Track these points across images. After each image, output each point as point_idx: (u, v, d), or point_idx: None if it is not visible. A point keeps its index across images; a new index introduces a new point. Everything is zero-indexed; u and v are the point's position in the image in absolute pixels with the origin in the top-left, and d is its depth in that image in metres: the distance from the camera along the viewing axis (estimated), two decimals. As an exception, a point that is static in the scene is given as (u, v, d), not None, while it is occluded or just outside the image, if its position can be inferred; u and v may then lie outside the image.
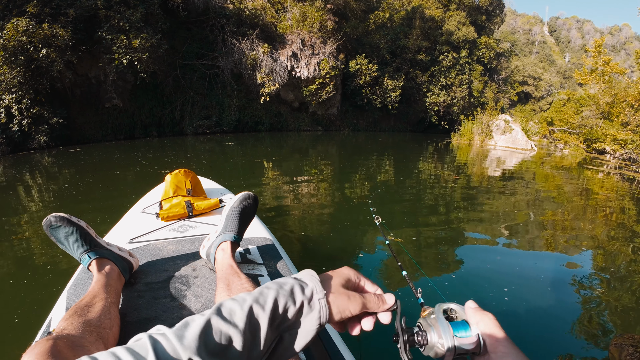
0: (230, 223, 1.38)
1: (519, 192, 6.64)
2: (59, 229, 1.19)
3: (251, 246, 1.62)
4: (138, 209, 2.23)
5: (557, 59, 62.50)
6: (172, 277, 1.34)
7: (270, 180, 6.82)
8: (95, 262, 1.21)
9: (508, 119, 16.45)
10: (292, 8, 20.02)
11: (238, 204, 1.41)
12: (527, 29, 67.93)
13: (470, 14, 27.56)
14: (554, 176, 9.01)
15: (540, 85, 43.90)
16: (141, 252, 1.55)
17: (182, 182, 2.21)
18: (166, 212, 1.95)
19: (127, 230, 1.86)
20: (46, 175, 7.55)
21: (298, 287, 0.59)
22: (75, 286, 1.27)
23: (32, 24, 10.91)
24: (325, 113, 22.25)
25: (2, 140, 11.30)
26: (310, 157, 10.64)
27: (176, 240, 1.67)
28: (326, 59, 19.70)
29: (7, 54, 10.55)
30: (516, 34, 63.41)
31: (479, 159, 11.66)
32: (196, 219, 1.99)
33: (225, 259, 1.27)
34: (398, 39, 24.50)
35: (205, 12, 17.81)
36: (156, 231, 1.81)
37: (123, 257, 1.30)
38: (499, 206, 5.52)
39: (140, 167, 8.21)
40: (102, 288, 1.09)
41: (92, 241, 1.25)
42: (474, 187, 6.99)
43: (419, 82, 24.91)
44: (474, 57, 26.89)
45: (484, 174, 8.61)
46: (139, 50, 13.42)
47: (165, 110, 17.16)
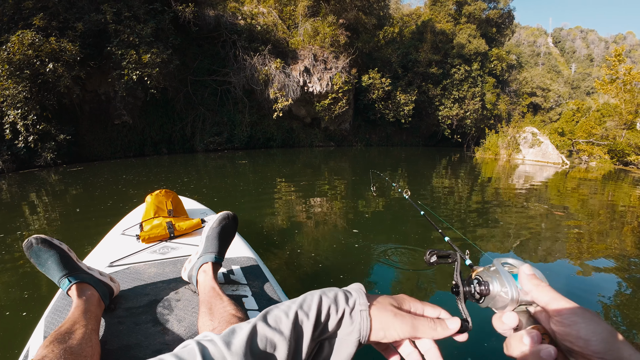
0: (211, 244, 1.35)
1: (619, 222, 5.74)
2: (40, 251, 1.15)
3: (234, 266, 1.57)
4: (118, 230, 2.12)
5: (563, 69, 61.78)
6: (153, 301, 1.28)
7: (280, 198, 6.19)
8: (75, 286, 1.16)
9: (536, 132, 15.46)
10: (304, 23, 19.49)
11: (217, 224, 1.38)
12: (531, 41, 67.49)
13: (480, 27, 26.96)
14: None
15: (549, 96, 43.05)
16: (121, 275, 1.49)
17: (162, 203, 2.13)
18: (147, 233, 1.86)
19: (106, 253, 1.76)
20: (44, 194, 6.94)
21: (342, 295, 0.56)
22: (53, 313, 1.20)
23: (38, 37, 10.32)
24: (337, 128, 21.52)
25: (7, 157, 10.64)
26: (321, 173, 9.86)
27: (157, 263, 1.61)
28: (339, 73, 19.05)
29: (13, 67, 9.92)
30: (521, 46, 62.86)
31: (511, 176, 10.74)
32: (178, 240, 1.91)
33: (208, 280, 1.22)
34: (409, 53, 23.90)
35: (217, 28, 17.30)
36: (137, 254, 1.73)
37: (104, 282, 1.24)
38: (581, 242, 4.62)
39: (147, 187, 7.41)
40: (82, 314, 1.03)
41: (72, 265, 1.20)
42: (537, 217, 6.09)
43: (431, 96, 24.18)
44: (486, 70, 26.16)
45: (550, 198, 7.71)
46: (149, 66, 12.80)
47: (176, 127, 16.49)
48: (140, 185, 7.34)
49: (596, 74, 57.83)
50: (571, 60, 71.58)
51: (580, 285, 3.03)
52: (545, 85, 43.30)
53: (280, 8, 20.15)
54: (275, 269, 3.05)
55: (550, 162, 14.29)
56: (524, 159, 15.22)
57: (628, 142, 16.28)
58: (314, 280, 2.94)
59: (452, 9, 27.06)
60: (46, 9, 11.19)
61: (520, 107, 33.48)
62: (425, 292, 2.82)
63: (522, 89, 36.91)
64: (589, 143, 17.47)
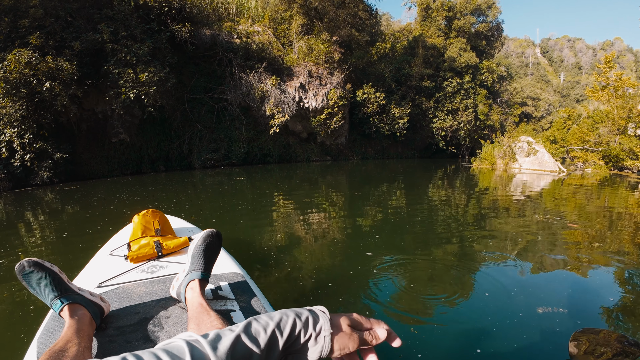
0: (196, 261, 1.37)
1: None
2: (32, 274, 1.15)
3: (222, 282, 1.57)
4: (106, 251, 2.11)
5: (552, 78, 62.49)
6: (143, 319, 1.28)
7: (279, 217, 6.04)
8: (67, 307, 1.16)
9: (531, 141, 15.40)
10: (298, 41, 19.63)
11: (202, 242, 1.40)
12: (520, 52, 68.41)
13: (470, 40, 27.30)
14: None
15: (540, 105, 43.41)
16: (111, 295, 1.47)
17: (150, 223, 2.13)
18: (135, 253, 1.86)
19: (95, 273, 1.75)
20: (37, 214, 6.81)
21: (312, 320, 0.66)
22: (46, 335, 1.19)
23: (35, 56, 10.23)
24: (333, 143, 21.47)
25: (3, 175, 10.45)
26: (319, 187, 9.70)
27: (146, 282, 1.61)
28: (334, 89, 19.10)
29: (9, 86, 9.78)
30: (510, 57, 63.64)
31: (509, 185, 10.64)
32: (166, 259, 1.90)
33: (195, 297, 1.24)
34: (402, 67, 24.09)
35: (213, 47, 17.36)
36: (125, 273, 1.73)
37: (95, 302, 1.25)
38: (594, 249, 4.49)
39: (140, 207, 7.23)
40: (74, 333, 1.04)
41: (64, 287, 1.21)
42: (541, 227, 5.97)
43: (424, 109, 24.28)
44: (477, 82, 26.38)
45: (546, 205, 7.60)
46: (146, 84, 12.73)
47: (173, 145, 16.37)
48: (133, 205, 7.10)
49: (585, 82, 58.53)
50: (560, 69, 72.49)
51: (586, 290, 2.92)
52: (536, 95, 43.71)
53: (274, 27, 20.32)
54: (270, 285, 2.99)
55: (547, 170, 14.20)
56: (520, 168, 15.13)
57: (622, 147, 16.27)
58: (302, 293, 2.85)
59: (442, 24, 27.42)
60: (43, 27, 11.15)
61: (512, 117, 33.68)
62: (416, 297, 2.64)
63: (513, 99, 37.24)
64: (583, 150, 17.46)
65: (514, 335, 2.13)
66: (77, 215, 6.27)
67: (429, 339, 2.13)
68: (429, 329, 2.25)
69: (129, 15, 13.25)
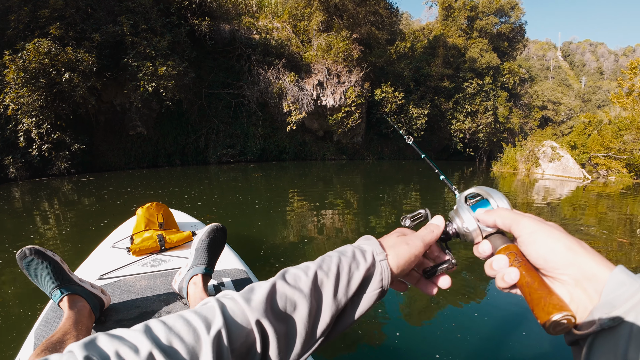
0: (200, 256, 1.33)
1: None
2: (33, 262, 1.13)
3: (225, 278, 1.53)
4: (108, 243, 2.07)
5: (573, 82, 60.70)
6: (144, 313, 1.25)
7: (299, 218, 5.68)
8: (67, 298, 1.13)
9: (555, 145, 14.72)
10: (318, 38, 19.28)
11: (206, 236, 1.36)
12: (541, 55, 66.60)
13: (492, 41, 26.55)
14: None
15: (560, 109, 42.10)
16: (112, 288, 1.45)
17: (153, 216, 2.09)
18: (138, 246, 1.81)
19: (96, 265, 1.72)
20: (49, 205, 6.68)
21: (359, 252, 0.54)
22: (43, 326, 1.18)
23: (54, 46, 10.12)
24: (349, 142, 21.09)
25: (20, 164, 10.41)
26: (334, 186, 9.37)
27: (148, 275, 1.56)
28: (352, 87, 18.70)
29: (28, 75, 9.70)
30: (530, 60, 62.04)
31: (538, 191, 10.14)
32: (169, 253, 1.86)
33: (198, 292, 1.21)
34: (421, 67, 23.52)
35: (232, 42, 17.15)
36: (127, 266, 1.69)
37: (95, 295, 1.21)
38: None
39: (150, 201, 7.01)
40: (73, 325, 1.02)
41: (64, 277, 1.17)
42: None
43: (443, 110, 23.67)
44: (498, 83, 25.63)
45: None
46: (165, 78, 12.57)
47: (190, 139, 16.23)
48: (144, 199, 6.84)
49: (607, 87, 56.70)
50: (581, 74, 70.39)
51: None
52: (556, 99, 42.45)
53: (294, 23, 20.00)
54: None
55: (571, 177, 13.55)
56: (543, 173, 14.49)
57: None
58: None
59: (464, 24, 26.73)
60: (63, 18, 11.06)
61: (532, 121, 32.77)
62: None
63: (533, 102, 36.23)
64: (606, 157, 16.69)
65: (534, 344, 2.10)
66: (86, 208, 6.08)
67: (441, 341, 2.11)
68: (439, 331, 2.23)
69: (149, 8, 13.11)
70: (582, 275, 0.39)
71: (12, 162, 10.43)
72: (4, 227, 4.87)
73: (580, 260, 0.40)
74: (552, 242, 0.42)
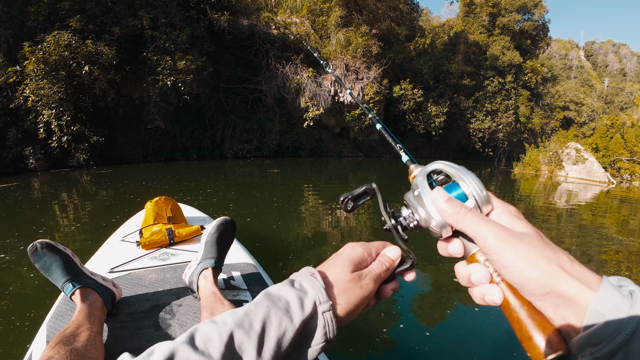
0: (210, 249, 1.31)
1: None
2: (44, 255, 1.13)
3: (234, 272, 1.52)
4: (117, 237, 2.08)
5: (596, 83, 58.72)
6: (155, 306, 1.25)
7: (307, 211, 5.63)
8: (79, 291, 1.12)
9: (579, 148, 14.09)
10: (336, 33, 18.96)
11: (215, 230, 1.35)
12: (563, 54, 64.59)
13: (514, 39, 25.76)
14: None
15: (582, 110, 40.72)
16: (122, 281, 1.44)
17: (162, 210, 2.06)
18: (147, 239, 1.80)
19: (106, 259, 1.72)
20: (64, 197, 6.64)
21: (296, 300, 0.43)
22: (55, 318, 1.17)
23: (74, 39, 10.10)
24: (366, 139, 20.75)
25: (40, 155, 10.49)
26: (350, 183, 9.15)
27: (158, 269, 1.56)
28: (370, 84, 18.35)
29: (48, 67, 9.70)
30: (552, 59, 60.23)
31: (564, 195, 9.72)
32: (178, 247, 1.85)
33: (208, 286, 1.19)
34: (441, 64, 22.97)
35: (250, 37, 16.99)
36: (137, 260, 1.68)
37: (106, 287, 1.21)
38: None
39: (168, 194, 6.89)
40: (85, 318, 1.01)
41: (76, 270, 1.17)
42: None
43: (462, 108, 23.07)
44: (520, 82, 24.85)
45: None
46: (183, 72, 12.49)
47: (207, 133, 16.18)
48: (157, 195, 6.73)
49: (630, 89, 54.75)
50: (604, 75, 68.01)
51: None
52: (579, 100, 41.09)
53: (312, 18, 19.73)
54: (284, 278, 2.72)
55: (595, 181, 12.96)
56: (567, 176, 13.91)
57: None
58: None
59: (486, 20, 26.02)
60: (83, 11, 11.04)
61: (554, 122, 31.82)
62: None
63: (555, 102, 35.18)
64: (630, 161, 15.99)
65: None
66: (101, 202, 6.00)
67: (447, 344, 2.07)
68: (447, 334, 2.20)
69: (168, 2, 13.03)
70: (562, 302, 0.33)
71: (32, 153, 10.50)
72: (22, 218, 4.84)
73: (560, 285, 0.33)
74: (527, 269, 0.35)
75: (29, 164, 10.52)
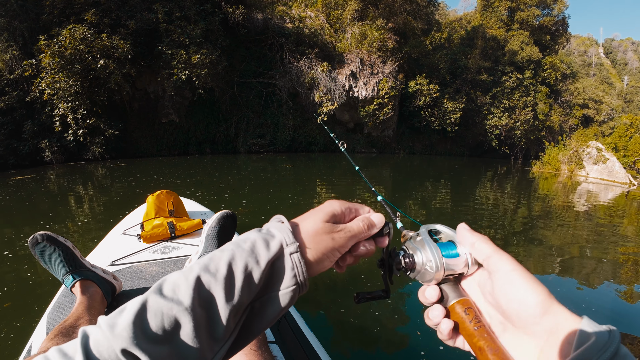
0: (211, 243, 1.30)
1: None
2: (45, 247, 1.12)
3: None
4: (119, 230, 2.05)
5: (615, 81, 57.01)
6: None
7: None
8: (79, 283, 1.12)
9: (601, 147, 13.56)
10: (352, 27, 18.63)
11: (216, 223, 1.34)
12: (582, 51, 62.80)
13: (533, 34, 25.03)
14: None
15: (602, 108, 39.59)
16: (123, 274, 1.43)
17: (164, 203, 2.05)
18: (148, 233, 1.79)
19: (108, 252, 1.71)
20: (80, 189, 6.57)
21: (261, 242, 0.43)
22: (56, 310, 1.17)
23: (90, 32, 10.04)
24: (380, 135, 20.44)
25: (56, 148, 10.53)
26: (361, 180, 8.90)
27: (159, 262, 1.55)
28: (385, 78, 18.02)
29: (64, 61, 9.67)
30: (571, 55, 58.59)
31: (584, 196, 9.36)
32: (179, 240, 1.83)
33: None
34: (458, 59, 22.46)
35: (265, 30, 16.80)
36: (138, 253, 1.66)
37: (107, 280, 1.20)
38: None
39: (175, 192, 6.77)
40: (85, 310, 1.00)
41: (77, 262, 1.17)
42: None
43: (479, 104, 22.56)
44: (539, 78, 24.19)
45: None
46: (198, 66, 12.38)
47: (220, 128, 16.09)
48: (169, 189, 6.66)
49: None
50: (623, 73, 65.90)
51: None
52: (598, 97, 39.95)
53: (327, 12, 19.43)
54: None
55: (616, 182, 12.46)
56: (587, 176, 13.42)
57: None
58: (331, 287, 2.64)
59: (504, 15, 25.31)
60: (98, 5, 10.99)
61: (572, 120, 30.99)
62: None
63: (574, 100, 34.27)
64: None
65: None
66: (111, 196, 5.90)
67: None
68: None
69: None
70: (557, 327, 0.35)
71: (48, 146, 10.53)
72: (32, 210, 4.81)
73: (554, 308, 0.36)
74: (533, 285, 0.38)
75: (45, 157, 10.56)
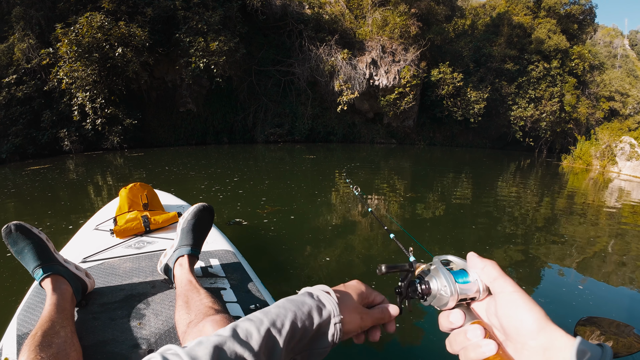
0: (186, 236, 1.26)
1: None
2: (18, 238, 1.09)
3: (212, 259, 1.48)
4: (90, 226, 1.97)
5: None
6: (129, 296, 1.21)
7: (337, 200, 4.89)
8: (49, 279, 1.08)
9: (634, 142, 12.74)
10: (373, 13, 17.92)
11: (192, 216, 1.29)
12: (607, 42, 60.13)
13: (560, 22, 23.77)
14: None
15: (628, 101, 37.85)
16: (95, 271, 1.39)
17: (137, 196, 2.00)
18: (121, 227, 1.73)
19: (79, 248, 1.64)
20: (92, 179, 6.44)
21: (316, 309, 0.56)
22: (26, 311, 1.12)
23: (107, 20, 9.74)
24: (400, 125, 19.80)
25: (75, 138, 10.39)
26: (381, 172, 8.55)
27: (133, 257, 1.51)
28: (407, 66, 17.32)
29: (81, 49, 9.41)
30: (597, 46, 56.15)
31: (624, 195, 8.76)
32: (154, 234, 1.77)
33: (184, 274, 1.14)
34: (482, 46, 21.51)
35: (283, 17, 16.26)
36: (111, 249, 1.62)
37: (78, 277, 1.16)
38: None
39: (179, 187, 6.42)
40: (58, 314, 0.97)
41: (48, 256, 1.13)
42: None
43: (504, 94, 21.61)
44: (566, 68, 23.04)
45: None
46: (216, 54, 12.01)
47: (238, 117, 15.76)
48: (180, 182, 6.28)
49: None
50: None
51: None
52: (624, 90, 38.16)
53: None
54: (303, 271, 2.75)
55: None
56: (620, 172, 12.64)
57: None
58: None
59: (531, 2, 24.08)
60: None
61: (599, 112, 29.66)
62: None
63: (600, 92, 32.79)
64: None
65: None
66: (117, 188, 5.66)
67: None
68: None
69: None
70: (552, 343, 0.39)
71: (67, 135, 10.39)
72: (42, 201, 4.70)
73: (550, 325, 0.40)
74: (531, 305, 0.43)
75: (64, 146, 10.43)
